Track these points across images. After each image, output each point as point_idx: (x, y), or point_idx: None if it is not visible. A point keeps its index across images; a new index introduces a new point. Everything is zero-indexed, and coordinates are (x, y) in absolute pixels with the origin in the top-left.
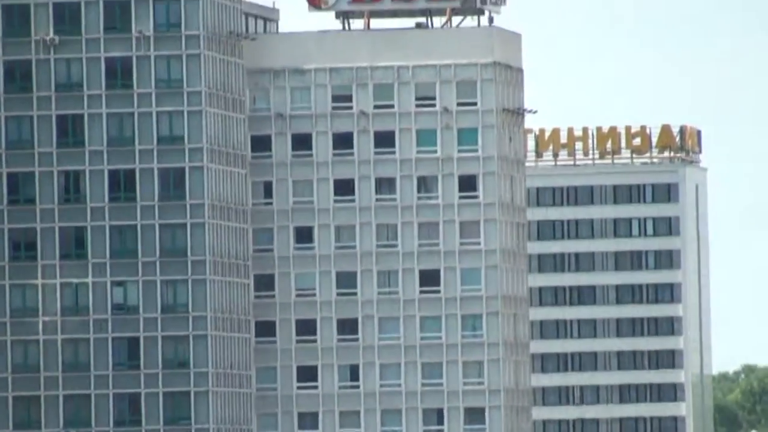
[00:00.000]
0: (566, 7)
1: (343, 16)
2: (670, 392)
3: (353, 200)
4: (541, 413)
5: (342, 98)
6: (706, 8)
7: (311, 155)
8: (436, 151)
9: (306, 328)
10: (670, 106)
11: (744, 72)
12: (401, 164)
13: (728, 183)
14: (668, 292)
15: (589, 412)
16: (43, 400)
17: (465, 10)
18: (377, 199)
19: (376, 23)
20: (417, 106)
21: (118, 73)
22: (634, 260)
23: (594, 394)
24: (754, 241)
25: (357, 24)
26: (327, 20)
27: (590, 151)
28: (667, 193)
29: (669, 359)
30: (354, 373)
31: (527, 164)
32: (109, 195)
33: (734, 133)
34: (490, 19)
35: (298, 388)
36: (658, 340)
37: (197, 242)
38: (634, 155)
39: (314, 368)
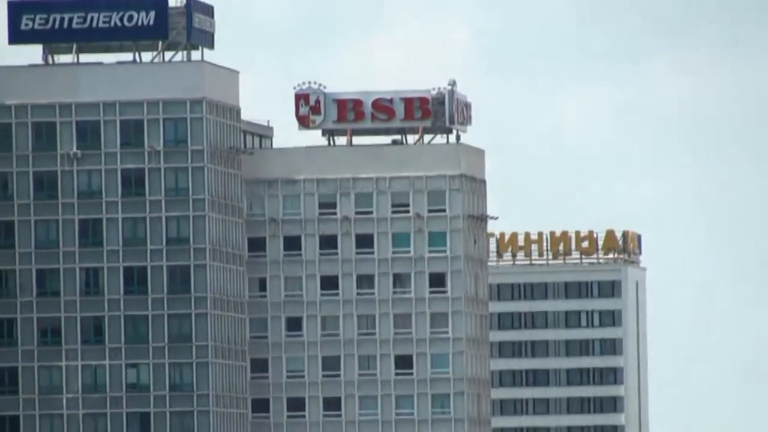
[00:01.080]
0: (523, 127)
1: (329, 133)
2: None
3: (337, 294)
4: None
5: (327, 205)
6: (650, 132)
7: (300, 255)
8: (409, 252)
9: (296, 405)
10: (615, 214)
11: (679, 186)
12: (379, 263)
13: (664, 280)
14: (612, 375)
15: None
16: None
17: (435, 129)
18: (358, 293)
19: (357, 140)
20: (393, 212)
21: (133, 183)
22: (582, 347)
23: None
24: (687, 331)
25: (341, 140)
26: (314, 137)
27: (544, 253)
28: (611, 289)
29: None
30: None
31: (489, 263)
32: (124, 289)
33: (670, 237)
34: (457, 137)
35: None
36: (603, 417)
37: (201, 330)
38: (582, 256)
39: None
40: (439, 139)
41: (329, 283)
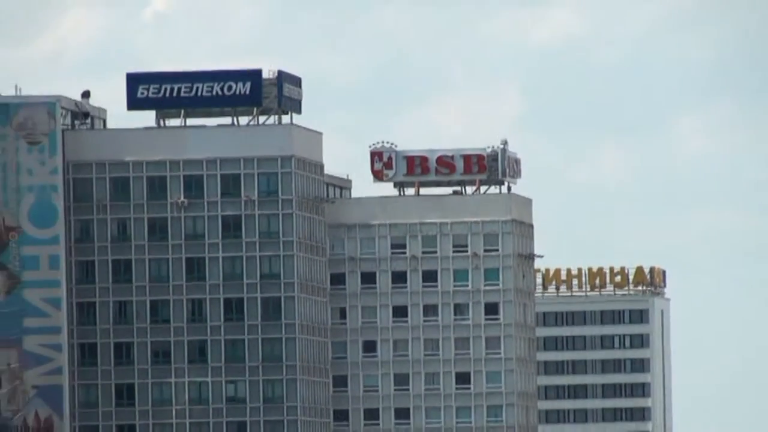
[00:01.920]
0: (565, 178)
1: (399, 185)
2: None
3: (406, 321)
4: None
5: (398, 246)
6: (672, 184)
7: (375, 288)
8: (467, 285)
9: (371, 415)
10: (643, 252)
11: (698, 229)
12: (442, 295)
13: (686, 309)
14: (640, 390)
15: None
16: None
17: (490, 181)
18: (424, 320)
19: (424, 191)
20: (454, 252)
21: (231, 227)
22: (615, 366)
23: None
24: (706, 352)
25: (409, 191)
26: (387, 188)
27: (583, 285)
28: (640, 316)
29: None
30: None
31: (536, 294)
32: (224, 317)
33: (691, 273)
34: (509, 188)
35: None
36: (633, 425)
37: (290, 352)
38: (615, 289)
39: None
40: (493, 189)
41: (400, 311)
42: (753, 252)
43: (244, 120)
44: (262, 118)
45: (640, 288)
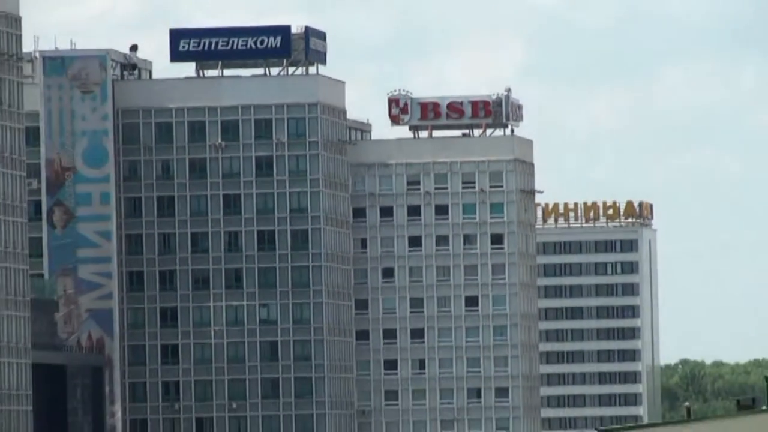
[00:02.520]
0: (562, 122)
1: (414, 128)
2: (631, 377)
3: (421, 250)
4: (545, 391)
5: (413, 183)
6: (658, 125)
7: (392, 221)
8: (475, 218)
9: (389, 334)
10: (633, 188)
11: (684, 165)
12: (452, 226)
13: (671, 239)
14: (630, 311)
15: (577, 390)
16: (214, 383)
17: (495, 125)
18: (437, 250)
19: (436, 133)
20: (463, 188)
21: (263, 167)
22: (608, 289)
23: (581, 378)
24: (688, 276)
25: (423, 134)
26: (403, 131)
27: (579, 218)
28: (630, 245)
29: (631, 355)
30: (422, 364)
31: (537, 226)
32: (257, 247)
33: (676, 205)
34: (512, 131)
35: (385, 374)
36: (624, 343)
37: (317, 278)
38: (608, 221)
39: (395, 361)
40: (498, 132)
41: (415, 242)
42: (728, 189)
43: (274, 71)
44: (291, 69)
45: (630, 220)
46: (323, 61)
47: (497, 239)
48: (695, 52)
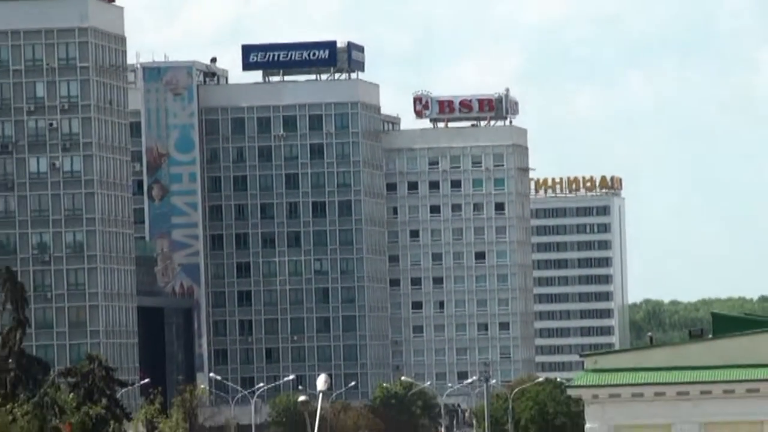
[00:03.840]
0: (550, 115)
1: (434, 120)
2: (605, 313)
3: (440, 216)
4: (538, 325)
5: (433, 163)
6: (628, 113)
7: (417, 193)
8: (482, 190)
9: (416, 282)
10: (606, 165)
11: (648, 149)
12: (464, 197)
13: (637, 205)
14: (605, 262)
15: (563, 324)
16: (279, 320)
17: (497, 117)
18: (452, 215)
19: (451, 124)
20: (473, 166)
21: (316, 152)
22: (587, 245)
23: (566, 314)
24: (650, 234)
25: (440, 125)
26: (425, 123)
27: (563, 189)
28: (604, 210)
29: (605, 296)
30: (441, 305)
31: (531, 196)
32: (312, 215)
33: (641, 178)
34: (510, 122)
35: (412, 313)
36: (599, 287)
37: (358, 238)
38: (586, 191)
39: (420, 302)
40: (499, 123)
41: (435, 209)
42: (679, 166)
43: (324, 76)
44: (336, 75)
45: (603, 191)
46: (362, 69)
47: (500, 207)
48: (656, 57)
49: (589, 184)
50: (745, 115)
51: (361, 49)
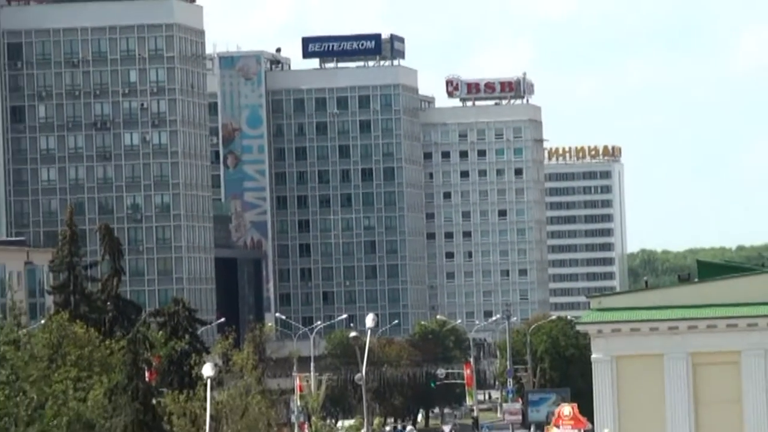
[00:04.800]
0: (563, 94)
1: (463, 100)
2: (608, 261)
3: (468, 179)
4: (551, 271)
5: (463, 135)
6: (627, 95)
7: (449, 160)
8: (504, 158)
9: (448, 236)
10: (607, 135)
11: (642, 123)
12: (489, 164)
13: (634, 170)
14: (607, 218)
15: (572, 270)
16: (333, 269)
17: (516, 96)
18: (479, 179)
19: (478, 103)
20: (496, 138)
21: (365, 127)
22: (592, 204)
23: (575, 262)
24: (645, 193)
25: (469, 104)
26: (456, 102)
27: (572, 157)
28: (607, 174)
29: (608, 247)
30: (470, 255)
31: (544, 163)
32: (362, 179)
33: (637, 147)
34: (527, 101)
35: (446, 261)
36: (603, 239)
37: (400, 198)
38: (590, 158)
39: (452, 253)
40: (517, 101)
41: (464, 174)
42: (668, 139)
43: (371, 63)
44: (381, 62)
45: (606, 158)
46: (402, 57)
47: (519, 172)
48: (647, 48)
49: (593, 152)
50: (722, 92)
51: (401, 40)
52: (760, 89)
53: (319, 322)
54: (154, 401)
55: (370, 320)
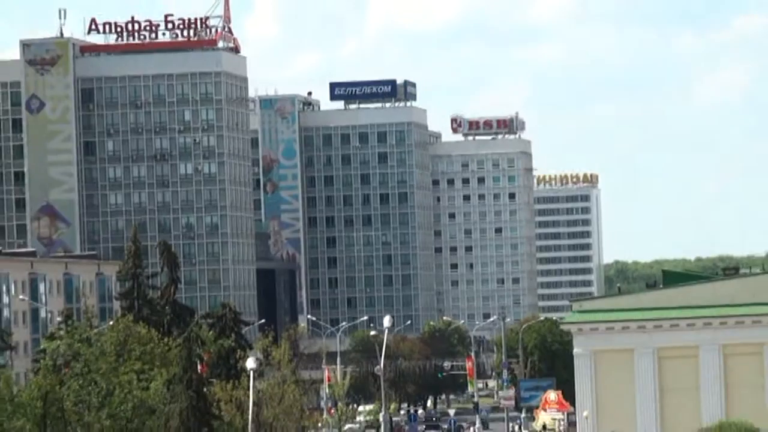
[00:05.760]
0: (547, 131)
1: (465, 135)
2: (588, 271)
3: (470, 202)
4: (540, 279)
5: (465, 165)
6: (600, 131)
7: (454, 187)
8: (500, 185)
9: (453, 250)
10: (587, 165)
11: (614, 156)
12: (487, 189)
13: (609, 194)
14: (587, 234)
15: (556, 278)
16: (356, 278)
17: (510, 132)
18: (478, 202)
19: (477, 138)
20: (492, 167)
21: (384, 158)
22: (574, 223)
23: (559, 272)
24: (618, 214)
25: (470, 138)
26: (459, 137)
27: (556, 183)
28: (586, 198)
29: (587, 259)
30: (471, 266)
31: (534, 188)
32: (380, 201)
33: (612, 176)
34: (519, 136)
35: (450, 271)
36: (582, 252)
37: (412, 219)
38: (572, 184)
39: (456, 264)
40: (511, 136)
41: (467, 198)
42: (641, 169)
43: (387, 105)
44: (396, 104)
45: (585, 184)
46: (414, 99)
47: (512, 196)
48: (615, 91)
49: (575, 179)
50: (682, 127)
51: (413, 84)
52: (714, 124)
53: (344, 323)
54: (205, 390)
55: (387, 321)
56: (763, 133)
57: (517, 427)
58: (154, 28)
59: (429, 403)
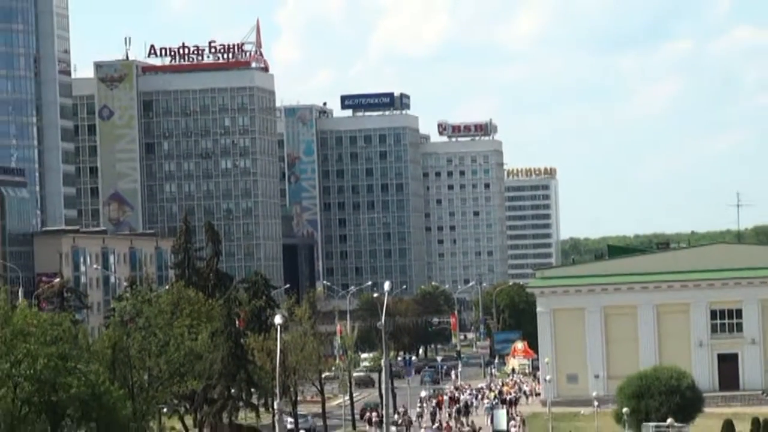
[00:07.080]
0: (516, 132)
1: (449, 137)
2: (547, 245)
3: (453, 191)
4: (509, 252)
5: (449, 161)
6: (563, 129)
7: (440, 178)
8: (478, 176)
9: (440, 228)
10: (548, 159)
11: (573, 150)
12: (467, 180)
13: (566, 184)
14: (547, 216)
15: (522, 251)
16: (362, 252)
17: (485, 134)
18: (459, 192)
19: (459, 139)
20: (471, 163)
21: (384, 155)
22: (536, 207)
23: (524, 246)
24: (573, 201)
25: (453, 139)
26: (444, 138)
27: (523, 175)
28: (547, 187)
29: (547, 236)
30: (455, 241)
31: (504, 179)
32: (381, 191)
33: (569, 168)
34: (492, 137)
35: (437, 245)
36: (543, 230)
37: (406, 204)
38: (534, 176)
39: (442, 240)
40: (486, 138)
41: (451, 187)
42: (594, 163)
43: (387, 113)
44: (394, 112)
45: (546, 176)
46: (408, 108)
47: (487, 186)
48: (571, 102)
49: (537, 172)
50: (625, 129)
51: (408, 96)
52: (649, 127)
53: (352, 287)
54: (241, 340)
55: (387, 286)
56: (689, 134)
57: (492, 370)
58: (200, 51)
59: (420, 351)
